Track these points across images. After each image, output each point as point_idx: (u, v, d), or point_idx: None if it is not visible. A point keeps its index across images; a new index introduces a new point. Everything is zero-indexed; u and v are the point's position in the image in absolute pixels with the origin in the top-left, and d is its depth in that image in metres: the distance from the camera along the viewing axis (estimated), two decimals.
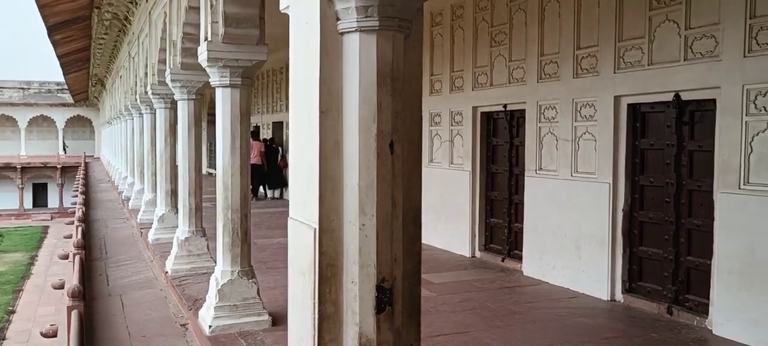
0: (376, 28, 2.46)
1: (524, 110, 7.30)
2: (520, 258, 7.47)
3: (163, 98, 8.90)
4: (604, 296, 6.18)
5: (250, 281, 5.19)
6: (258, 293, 5.22)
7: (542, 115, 7.00)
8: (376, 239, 2.50)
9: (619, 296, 6.12)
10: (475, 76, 8.18)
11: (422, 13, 2.70)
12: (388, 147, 2.50)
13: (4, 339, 17.34)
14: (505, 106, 7.71)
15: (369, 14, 2.44)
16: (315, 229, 2.54)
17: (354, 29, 2.47)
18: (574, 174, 6.55)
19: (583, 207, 6.40)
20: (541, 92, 6.98)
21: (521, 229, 7.45)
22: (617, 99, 6.05)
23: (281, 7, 2.95)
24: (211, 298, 5.16)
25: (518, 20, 7.39)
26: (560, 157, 6.72)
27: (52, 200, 44.64)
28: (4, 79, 45.20)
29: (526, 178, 7.27)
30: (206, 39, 5.14)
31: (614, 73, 6.04)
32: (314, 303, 2.56)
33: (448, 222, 8.65)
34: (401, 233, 2.57)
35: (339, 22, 2.51)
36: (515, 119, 7.73)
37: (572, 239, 6.55)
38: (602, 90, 6.18)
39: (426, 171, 9.19)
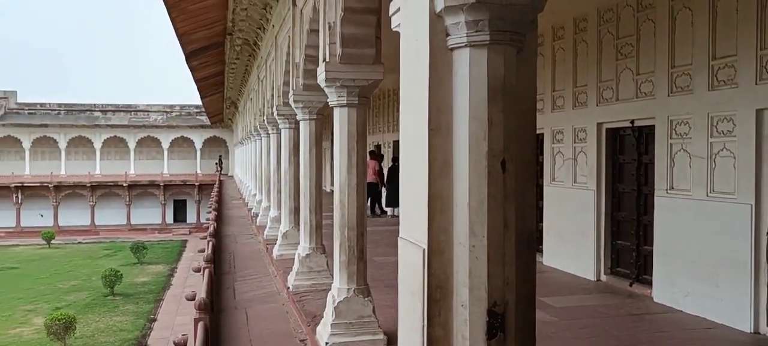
0: (487, 42, 2.38)
1: (653, 126, 6.87)
2: (649, 283, 7.01)
3: (287, 119, 9.23)
4: (747, 327, 5.64)
5: (366, 299, 5.22)
6: (373, 312, 5.23)
7: (674, 131, 6.56)
8: (487, 261, 2.40)
9: (765, 328, 5.56)
10: (599, 90, 7.83)
11: (536, 26, 2.58)
12: (500, 165, 2.41)
13: (146, 345, 18.63)
14: (632, 121, 7.31)
15: (479, 28, 2.37)
16: (424, 249, 2.49)
17: (464, 44, 2.41)
18: (710, 194, 6.06)
19: (721, 230, 5.90)
20: (672, 106, 6.54)
21: (651, 252, 6.99)
22: (760, 112, 5.55)
23: (393, 25, 2.95)
24: (328, 315, 5.23)
25: (646, 31, 7.00)
26: (694, 175, 6.25)
27: (191, 216, 47.77)
28: (150, 104, 49.16)
29: (656, 198, 6.83)
30: (324, 60, 5.27)
31: (755, 84, 5.55)
32: (423, 326, 2.50)
33: (571, 243, 8.30)
34: (514, 255, 2.46)
35: (448, 37, 2.46)
36: (643, 135, 7.30)
37: (708, 263, 6.05)
38: (742, 103, 5.68)
39: (547, 190, 8.89)
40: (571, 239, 8.32)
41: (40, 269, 31.34)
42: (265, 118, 11.93)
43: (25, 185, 44.38)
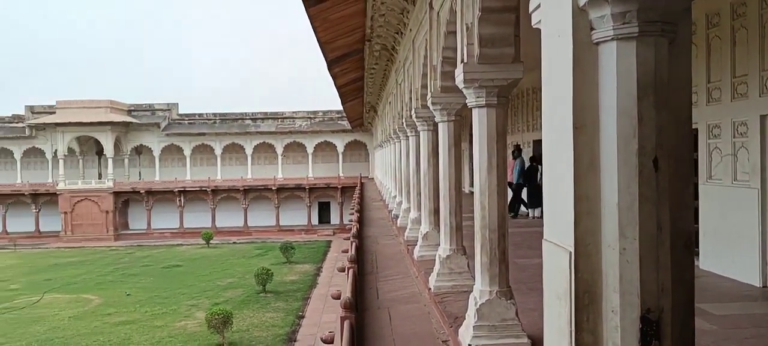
0: (635, 34, 2.26)
1: None
2: None
3: (425, 121, 9.30)
4: None
5: (509, 301, 5.14)
6: (516, 315, 5.14)
7: None
8: (639, 264, 2.28)
9: None
10: (762, 80, 7.17)
11: (690, 14, 2.42)
12: (652, 164, 2.28)
13: (295, 341, 19.53)
14: None
15: (627, 20, 2.26)
16: (570, 252, 2.41)
17: (610, 38, 2.31)
18: None
19: None
20: None
21: None
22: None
23: (533, 22, 2.88)
24: (470, 317, 5.20)
25: None
26: None
27: (334, 217, 49.53)
28: (296, 110, 51.56)
29: None
30: (462, 61, 5.26)
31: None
32: (571, 331, 2.42)
33: (731, 246, 7.66)
34: (668, 258, 2.31)
35: (593, 31, 2.36)
36: None
37: None
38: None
39: (703, 189, 8.28)
40: (731, 242, 7.68)
41: (201, 267, 33.89)
42: (403, 121, 12.11)
43: (186, 189, 48.21)
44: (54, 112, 48.12)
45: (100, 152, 49.61)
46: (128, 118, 49.05)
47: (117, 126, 47.96)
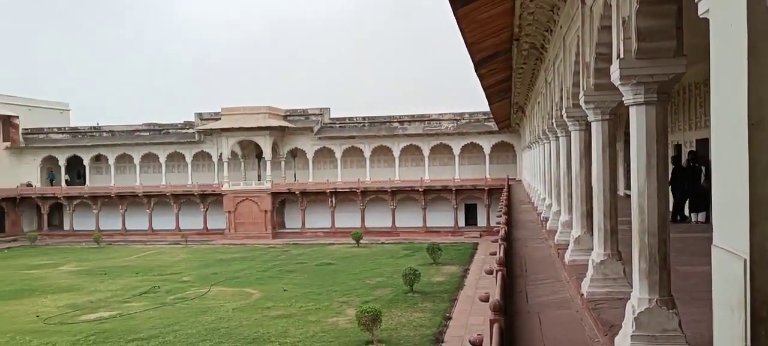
0: None
1: None
2: None
3: (577, 120, 8.97)
4: None
5: (671, 311, 4.81)
6: (680, 325, 4.81)
7: None
8: None
9: None
10: None
11: None
12: None
13: (442, 342, 19.61)
14: None
15: None
16: (745, 260, 2.21)
17: None
18: None
19: None
20: None
21: None
22: None
23: (700, 12, 2.68)
24: (628, 325, 4.94)
25: None
26: None
27: (481, 219, 49.15)
28: (442, 113, 51.84)
29: None
30: (618, 56, 5.01)
31: None
32: None
33: None
34: None
35: None
36: None
37: None
38: None
39: None
40: None
41: (351, 266, 35.05)
42: (553, 121, 11.76)
43: (337, 190, 50.09)
44: (219, 119, 52.01)
45: (259, 156, 52.93)
46: (284, 123, 51.89)
47: (274, 131, 50.91)
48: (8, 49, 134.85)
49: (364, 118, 53.46)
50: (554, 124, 11.68)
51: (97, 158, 56.87)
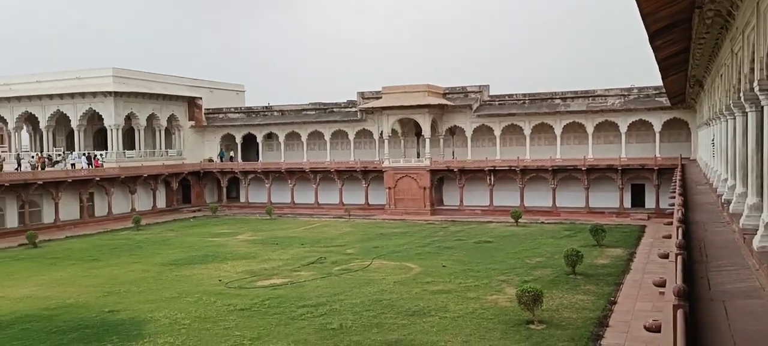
0: None
1: None
2: None
3: None
4: None
5: None
6: None
7: None
8: None
9: None
10: None
11: None
12: None
13: (607, 326, 18.94)
14: None
15: None
16: None
17: None
18: None
19: None
20: None
21: None
22: None
23: None
24: None
25: None
26: None
27: (649, 201, 46.48)
28: (608, 88, 49.32)
29: None
30: None
31: None
32: None
33: None
34: None
35: None
36: None
37: None
38: None
39: None
40: None
41: (510, 245, 34.70)
42: (740, 94, 10.80)
43: (496, 168, 49.60)
44: (380, 98, 53.43)
45: (418, 133, 53.75)
46: (443, 101, 52.18)
47: (433, 109, 51.38)
48: (191, 36, 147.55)
49: (524, 95, 52.30)
50: (741, 99, 10.73)
51: (269, 136, 60.83)
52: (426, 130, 51.33)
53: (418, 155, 53.78)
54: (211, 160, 61.00)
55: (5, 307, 23.37)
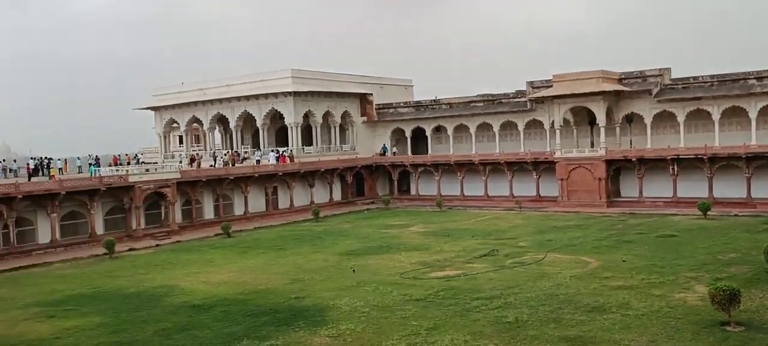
0: None
1: None
2: None
3: None
4: None
5: None
6: None
7: None
8: None
9: None
10: None
11: None
12: None
13: None
14: None
15: None
16: None
17: None
18: None
19: None
20: None
21: None
22: None
23: None
24: None
25: None
26: None
27: None
28: None
29: None
30: None
31: None
32: None
33: None
34: None
35: None
36: None
37: None
38: None
39: None
40: None
41: (698, 239, 32.19)
42: None
43: (680, 157, 46.17)
44: (550, 86, 51.86)
45: (592, 122, 51.47)
46: (619, 87, 49.50)
47: (608, 95, 48.92)
48: (360, 35, 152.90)
49: (711, 76, 47.96)
50: None
51: (437, 129, 61.51)
52: (600, 119, 49.01)
53: (592, 145, 51.46)
54: (383, 154, 62.93)
55: (207, 291, 25.89)
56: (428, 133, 61.35)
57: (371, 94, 64.52)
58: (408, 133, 62.77)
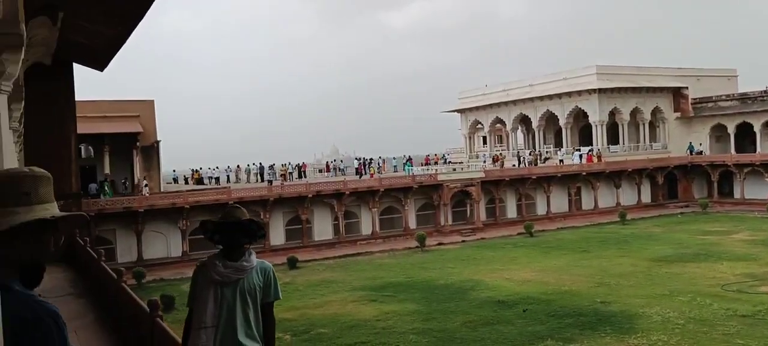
0: None
1: None
2: None
3: None
4: None
5: None
6: None
7: None
8: None
9: None
10: None
11: None
12: None
13: None
14: None
15: None
16: None
17: None
18: None
19: None
20: None
21: None
22: None
23: None
24: None
25: None
26: None
27: None
28: None
29: None
30: None
31: None
32: None
33: None
34: None
35: None
36: None
37: None
38: None
39: None
40: None
41: None
42: None
43: None
44: None
45: None
46: None
47: None
48: (676, 23, 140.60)
49: None
50: None
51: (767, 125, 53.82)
52: None
53: None
54: (700, 153, 57.17)
55: (511, 288, 26.42)
56: (757, 129, 53.92)
57: (686, 87, 59.05)
58: (731, 130, 55.96)
